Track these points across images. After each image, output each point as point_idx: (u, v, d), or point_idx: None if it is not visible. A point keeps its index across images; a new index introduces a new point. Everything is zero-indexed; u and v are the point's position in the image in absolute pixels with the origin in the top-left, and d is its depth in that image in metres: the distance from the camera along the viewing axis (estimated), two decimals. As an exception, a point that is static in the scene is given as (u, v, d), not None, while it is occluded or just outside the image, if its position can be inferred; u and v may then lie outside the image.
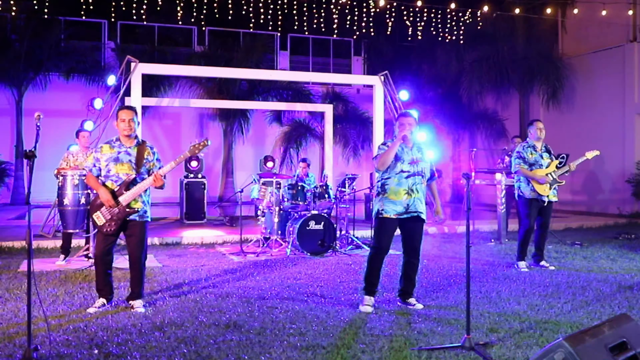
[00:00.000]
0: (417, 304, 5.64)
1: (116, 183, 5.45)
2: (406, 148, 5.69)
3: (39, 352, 4.02)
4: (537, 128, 7.84)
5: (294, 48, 23.53)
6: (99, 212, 5.42)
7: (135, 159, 5.49)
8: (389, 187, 5.60)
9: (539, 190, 7.64)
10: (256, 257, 8.64)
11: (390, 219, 5.59)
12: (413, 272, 5.75)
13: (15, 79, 18.27)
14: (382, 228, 5.66)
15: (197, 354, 4.13)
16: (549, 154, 7.84)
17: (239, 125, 20.23)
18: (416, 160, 5.67)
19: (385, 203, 5.60)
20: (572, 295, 6.13)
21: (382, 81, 12.14)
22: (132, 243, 5.52)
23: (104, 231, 5.42)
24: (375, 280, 5.67)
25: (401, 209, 5.57)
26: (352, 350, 4.25)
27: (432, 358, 4.11)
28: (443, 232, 11.77)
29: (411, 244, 5.74)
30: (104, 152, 5.55)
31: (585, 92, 17.28)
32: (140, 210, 5.47)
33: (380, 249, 5.67)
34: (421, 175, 5.69)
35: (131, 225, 5.48)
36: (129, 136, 5.55)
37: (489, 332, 4.78)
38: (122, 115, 5.54)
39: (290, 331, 4.73)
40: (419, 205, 5.65)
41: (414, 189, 5.60)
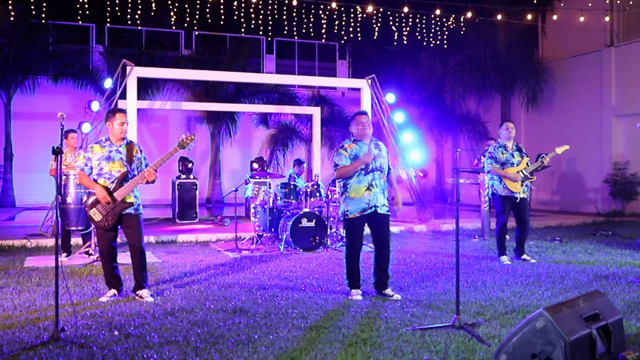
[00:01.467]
0: (394, 295, 5.90)
1: (109, 180, 5.76)
2: (364, 145, 5.99)
3: (65, 333, 4.35)
4: (506, 128, 8.29)
5: (280, 52, 23.90)
6: (94, 209, 5.73)
7: (125, 157, 5.83)
8: (350, 186, 5.94)
9: (511, 187, 8.08)
10: (251, 253, 8.98)
11: (356, 218, 5.93)
12: (385, 262, 6.01)
13: (4, 83, 18.43)
14: (351, 228, 5.99)
15: (210, 334, 4.49)
16: (519, 152, 8.28)
17: (227, 127, 20.56)
18: (375, 157, 5.98)
19: (349, 203, 5.93)
20: (552, 284, 6.55)
21: (369, 84, 12.55)
22: (131, 234, 5.86)
23: (101, 226, 5.74)
24: (356, 275, 6.00)
25: (364, 206, 5.89)
26: (351, 330, 4.64)
27: (426, 336, 4.49)
28: (429, 230, 12.19)
29: (379, 236, 6.02)
30: (95, 151, 5.84)
31: (564, 95, 17.86)
32: (134, 204, 5.82)
33: (353, 247, 6.01)
34: (380, 171, 6.00)
35: (127, 218, 5.82)
36: (122, 138, 5.88)
37: (476, 315, 5.18)
38: (121, 118, 5.85)
39: (293, 315, 5.10)
40: (380, 198, 5.94)
41: (373, 184, 5.92)
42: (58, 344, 4.17)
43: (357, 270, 6.01)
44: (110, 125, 5.85)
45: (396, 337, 4.45)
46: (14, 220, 14.19)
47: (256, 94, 20.21)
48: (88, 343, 4.22)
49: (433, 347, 4.22)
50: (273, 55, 23.50)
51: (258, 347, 4.20)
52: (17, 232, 10.88)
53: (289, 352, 4.08)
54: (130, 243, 5.91)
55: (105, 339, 4.35)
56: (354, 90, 23.34)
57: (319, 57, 24.47)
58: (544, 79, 17.94)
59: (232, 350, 4.12)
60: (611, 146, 16.48)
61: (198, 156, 20.72)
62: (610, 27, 16.82)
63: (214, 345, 4.23)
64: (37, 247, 9.49)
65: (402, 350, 4.14)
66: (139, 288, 5.87)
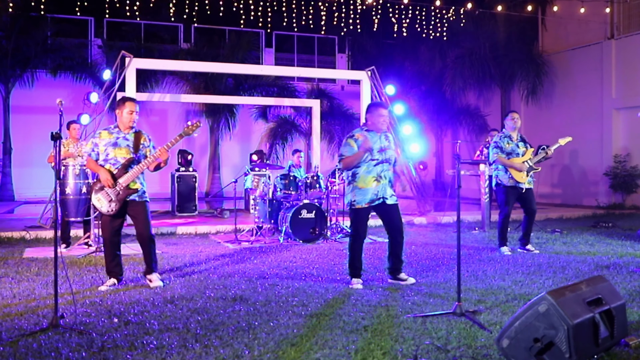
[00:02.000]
0: (408, 279, 5.99)
1: (114, 166, 5.75)
2: (375, 136, 5.98)
3: (64, 320, 4.32)
4: (511, 118, 8.23)
5: (279, 45, 23.85)
6: (99, 195, 5.71)
7: (132, 144, 5.83)
8: (359, 176, 5.91)
9: (517, 177, 8.04)
10: (250, 245, 8.96)
11: (363, 208, 5.92)
12: (399, 249, 6.05)
13: (2, 76, 18.37)
14: (357, 218, 5.98)
15: (211, 322, 4.46)
16: (524, 142, 8.23)
17: (226, 121, 20.51)
18: (384, 148, 5.98)
19: (356, 193, 5.90)
20: (553, 273, 6.53)
21: (369, 76, 12.51)
22: (138, 223, 5.84)
23: (105, 212, 5.71)
24: (358, 264, 6.00)
25: (372, 197, 5.88)
26: (352, 317, 4.61)
27: (427, 323, 4.47)
28: (429, 222, 12.17)
29: (392, 224, 6.03)
30: (102, 137, 5.86)
31: (564, 88, 17.82)
32: (139, 191, 5.79)
33: (357, 237, 6.00)
34: (388, 162, 6.00)
35: (133, 206, 5.79)
36: (130, 127, 5.86)
37: (477, 303, 5.16)
38: (130, 106, 5.87)
39: (294, 303, 5.08)
40: (386, 190, 5.94)
41: (382, 176, 5.92)
42: (57, 331, 4.15)
43: (360, 259, 6.00)
44: (120, 113, 5.86)
45: (397, 324, 4.43)
46: (14, 213, 14.16)
47: (255, 88, 20.16)
48: (87, 330, 4.20)
49: (434, 334, 4.20)
50: (272, 48, 23.45)
51: (258, 333, 4.17)
52: (16, 224, 10.85)
53: (290, 339, 4.06)
54: (138, 232, 5.88)
55: (104, 326, 4.33)
56: (353, 84, 23.36)
57: (318, 50, 24.42)
58: (544, 72, 17.91)
59: (233, 337, 4.09)
60: (611, 139, 16.45)
61: (197, 150, 20.67)
62: (611, 19, 16.76)
63: (214, 331, 4.21)
64: (36, 238, 9.47)
65: (403, 337, 4.11)
66: (149, 272, 5.88)
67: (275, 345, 3.92)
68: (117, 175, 5.73)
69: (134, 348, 3.84)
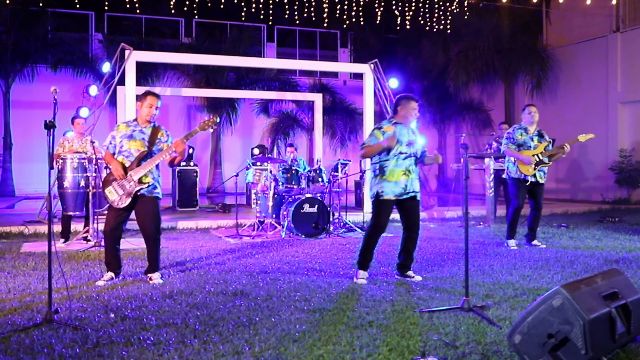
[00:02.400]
0: (415, 276, 5.85)
1: (127, 158, 5.64)
2: (404, 129, 5.86)
3: (59, 315, 4.18)
4: (528, 112, 8.06)
5: (281, 40, 23.67)
6: (111, 187, 5.60)
7: (148, 138, 5.70)
8: (388, 169, 5.77)
9: (523, 170, 7.89)
10: (252, 240, 8.81)
11: (389, 200, 5.77)
12: (413, 246, 5.94)
13: (2, 71, 18.24)
14: (381, 209, 5.83)
15: (210, 317, 4.32)
16: (540, 137, 8.03)
17: (227, 116, 20.36)
18: (412, 142, 5.86)
19: (384, 185, 5.76)
20: (562, 268, 6.38)
21: (372, 69, 12.34)
22: (144, 219, 5.68)
23: (115, 205, 5.58)
24: (370, 257, 5.85)
25: (400, 190, 5.74)
26: (356, 312, 4.47)
27: (434, 318, 4.32)
28: (432, 217, 12.01)
29: (412, 220, 5.91)
30: (119, 129, 5.78)
31: (569, 82, 17.62)
32: (150, 185, 5.63)
33: (378, 228, 5.85)
34: (416, 157, 5.88)
35: (142, 201, 5.64)
36: (148, 121, 5.74)
37: (485, 298, 5.01)
38: (151, 100, 5.72)
39: (296, 298, 4.93)
40: (415, 185, 5.83)
41: (410, 170, 5.79)
42: (51, 326, 4.00)
43: (372, 252, 5.86)
44: (140, 106, 5.75)
45: (403, 320, 4.28)
46: (14, 209, 14.04)
47: (257, 82, 19.99)
48: (82, 325, 4.05)
49: (442, 329, 4.05)
50: (274, 43, 23.26)
51: (259, 329, 4.03)
52: (15, 219, 10.72)
53: (292, 335, 3.91)
54: (143, 227, 5.74)
55: (100, 321, 4.18)
56: (355, 78, 23.18)
57: (320, 45, 24.23)
58: (549, 66, 17.72)
59: (233, 332, 3.95)
60: (617, 133, 16.27)
61: (199, 145, 20.52)
62: (616, 12, 16.56)
63: (213, 327, 4.06)
64: (34, 233, 9.33)
65: (409, 333, 3.96)
66: (150, 271, 5.73)
67: (277, 341, 3.77)
68: (129, 168, 5.61)
69: (130, 344, 3.69)
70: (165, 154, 5.64)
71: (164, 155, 5.63)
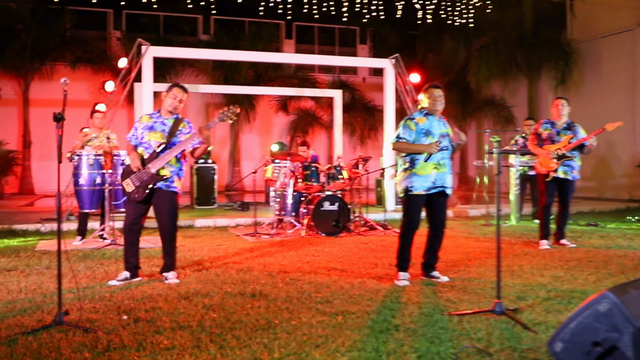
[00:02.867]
0: (442, 276, 5.59)
1: (147, 150, 5.48)
2: (435, 121, 5.60)
3: (69, 317, 3.98)
4: (554, 105, 7.80)
5: (300, 37, 23.42)
6: (128, 179, 5.45)
7: (169, 129, 5.53)
8: (419, 162, 5.50)
9: (545, 165, 7.60)
10: (270, 238, 8.60)
11: (420, 195, 5.51)
12: (438, 245, 5.69)
13: (22, 69, 18.24)
14: (412, 205, 5.58)
15: (227, 319, 4.10)
16: (569, 130, 7.71)
17: (246, 113, 20.18)
18: (444, 135, 5.60)
19: (414, 180, 5.50)
20: (595, 269, 6.07)
21: (392, 64, 12.08)
22: (160, 214, 5.51)
23: (132, 198, 5.41)
24: (408, 256, 5.60)
25: (429, 184, 5.48)
26: (382, 315, 4.22)
27: (464, 322, 4.07)
28: (455, 215, 11.72)
29: (438, 217, 5.66)
30: (142, 121, 5.65)
31: (594, 77, 17.18)
32: (168, 180, 5.44)
33: (411, 226, 5.59)
34: (448, 150, 5.60)
35: (159, 194, 5.46)
36: (171, 112, 5.58)
37: (516, 300, 4.74)
38: (176, 92, 5.59)
39: (317, 299, 4.69)
40: (446, 179, 5.57)
41: (441, 163, 5.52)
42: (60, 328, 3.81)
43: (410, 251, 5.60)
44: (164, 97, 5.61)
45: (431, 323, 4.03)
46: (33, 206, 13.98)
47: (275, 80, 19.78)
48: (93, 327, 3.85)
49: (473, 334, 3.80)
50: (292, 39, 23.02)
51: (279, 333, 3.80)
52: (33, 217, 10.62)
53: (314, 339, 3.68)
54: (159, 223, 5.55)
55: (112, 323, 3.98)
56: (375, 75, 22.89)
57: (339, 41, 23.95)
58: (573, 61, 17.27)
59: (251, 336, 3.72)
60: (644, 130, 15.82)
61: (217, 143, 20.38)
62: (644, 5, 16.09)
63: (230, 330, 3.84)
64: (51, 231, 9.20)
65: (439, 338, 3.71)
66: (165, 270, 5.54)
67: (298, 347, 3.54)
68: (148, 160, 5.45)
69: (142, 348, 3.48)
70: (186, 144, 5.44)
71: (184, 146, 5.44)
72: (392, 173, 11.42)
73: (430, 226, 5.72)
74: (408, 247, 5.59)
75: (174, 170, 5.52)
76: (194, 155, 5.64)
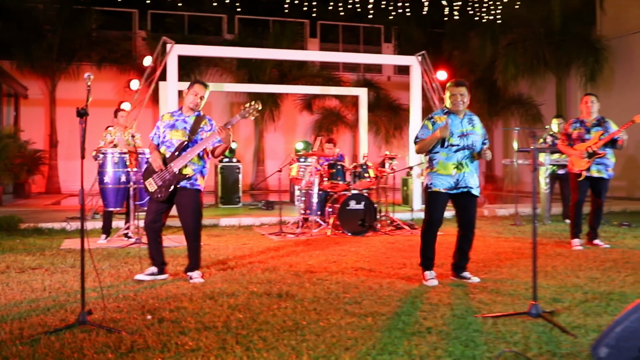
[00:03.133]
0: (472, 277, 5.42)
1: (168, 149, 5.41)
2: (456, 120, 5.41)
3: (93, 316, 3.90)
4: (583, 102, 7.58)
5: (324, 35, 23.29)
6: (150, 179, 5.37)
7: (190, 127, 5.43)
8: (438, 162, 5.36)
9: (576, 164, 7.39)
10: (296, 237, 8.48)
11: (440, 192, 5.36)
12: (468, 246, 5.51)
13: (49, 69, 18.37)
14: (432, 201, 5.42)
15: (253, 320, 3.98)
16: (599, 127, 7.48)
17: (270, 112, 20.12)
18: (466, 133, 5.38)
19: (434, 177, 5.36)
20: (633, 270, 5.85)
21: (419, 61, 11.89)
22: (184, 212, 5.43)
23: (155, 197, 5.34)
24: (431, 255, 5.43)
25: (451, 184, 5.32)
26: (413, 317, 4.07)
27: (498, 325, 3.90)
28: (483, 214, 11.49)
29: (465, 218, 5.49)
30: (164, 119, 5.58)
31: (625, 74, 16.78)
32: (191, 178, 5.36)
33: (431, 222, 5.44)
34: (471, 149, 5.38)
35: (182, 193, 5.38)
36: (192, 110, 5.49)
37: (552, 302, 4.56)
38: (197, 89, 5.53)
39: (345, 300, 4.56)
40: (470, 180, 5.36)
41: (463, 163, 5.32)
42: (84, 328, 3.73)
43: (433, 249, 5.43)
44: (186, 94, 5.54)
45: (465, 326, 3.87)
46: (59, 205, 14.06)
47: (299, 79, 19.67)
48: (116, 327, 3.76)
49: (509, 338, 3.63)
50: (317, 38, 22.91)
51: (307, 334, 3.67)
52: (58, 215, 10.63)
53: (343, 341, 3.55)
54: (183, 222, 5.47)
55: (136, 323, 3.89)
56: (400, 73, 22.68)
57: (364, 40, 23.77)
58: (604, 58, 16.89)
59: (278, 338, 3.60)
60: (678, 128, 15.38)
61: (241, 142, 20.34)
62: (677, 1, 15.68)
63: (257, 331, 3.72)
64: (76, 230, 9.19)
65: (474, 341, 3.56)
66: (190, 269, 5.46)
67: (327, 349, 3.41)
68: (169, 159, 5.37)
69: (166, 349, 3.38)
70: (207, 142, 5.35)
71: (205, 144, 5.35)
72: (419, 172, 11.25)
73: (459, 226, 5.56)
74: (431, 245, 5.43)
75: (197, 168, 5.44)
76: (214, 155, 5.55)
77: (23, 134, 16.71)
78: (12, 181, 14.54)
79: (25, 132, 16.99)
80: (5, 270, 5.81)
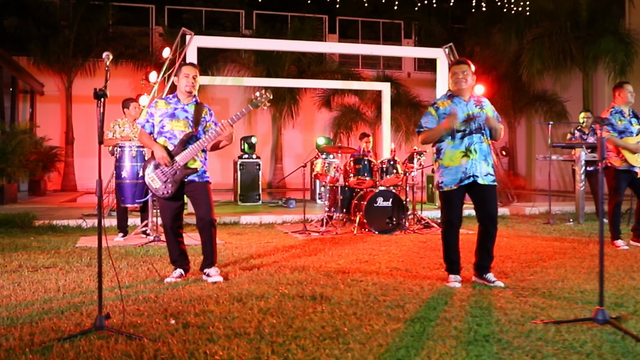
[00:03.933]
0: (497, 281, 4.87)
1: (169, 140, 4.99)
2: (460, 103, 4.94)
3: (111, 321, 3.53)
4: (627, 91, 6.99)
5: (343, 31, 22.90)
6: (153, 174, 4.97)
7: (192, 117, 5.04)
8: (444, 152, 4.91)
9: (631, 160, 6.87)
10: (321, 236, 8.09)
11: (452, 191, 4.89)
12: (490, 242, 4.96)
13: (65, 66, 18.15)
14: (446, 201, 4.97)
15: (288, 326, 3.58)
16: (637, 119, 7.00)
17: (289, 108, 19.76)
18: (473, 116, 4.90)
19: (443, 173, 4.92)
20: (690, 271, 5.40)
21: (446, 54, 11.45)
22: (198, 205, 5.04)
23: (160, 194, 4.96)
24: (455, 257, 4.97)
25: (460, 176, 4.84)
26: (465, 323, 3.65)
27: (562, 332, 3.48)
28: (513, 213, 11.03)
29: (484, 210, 4.95)
30: (158, 107, 5.10)
31: (656, 68, 16.21)
32: (199, 170, 4.99)
33: (449, 224, 4.98)
34: (481, 133, 4.90)
35: (192, 188, 5.02)
36: (189, 93, 5.09)
37: (614, 306, 4.12)
38: (186, 70, 5.09)
39: (386, 303, 4.15)
40: (481, 166, 4.86)
41: (472, 150, 4.84)
42: (101, 334, 3.34)
43: (456, 251, 4.97)
44: (177, 81, 5.11)
45: (525, 334, 3.45)
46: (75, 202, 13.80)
47: (318, 75, 19.28)
48: (137, 333, 3.38)
49: (580, 348, 3.21)
50: (336, 34, 22.51)
51: (351, 342, 3.26)
52: (74, 213, 10.34)
53: (392, 350, 3.14)
54: (198, 215, 5.06)
55: (158, 329, 3.50)
56: (420, 70, 22.22)
57: (383, 36, 23.32)
58: (634, 52, 16.31)
59: (318, 347, 3.19)
60: None
61: (260, 139, 19.98)
62: None
63: (294, 339, 3.32)
64: (92, 227, 8.87)
65: (540, 352, 3.13)
66: (206, 266, 5.06)
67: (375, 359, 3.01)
68: (174, 152, 4.96)
69: (194, 359, 3.00)
70: (212, 136, 4.97)
71: (210, 138, 4.98)
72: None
73: (478, 221, 5.01)
74: (453, 246, 4.97)
75: (202, 159, 5.09)
76: (209, 149, 5.17)
77: (39, 131, 16.49)
78: (27, 178, 14.28)
79: (41, 129, 16.78)
80: (18, 269, 5.46)
